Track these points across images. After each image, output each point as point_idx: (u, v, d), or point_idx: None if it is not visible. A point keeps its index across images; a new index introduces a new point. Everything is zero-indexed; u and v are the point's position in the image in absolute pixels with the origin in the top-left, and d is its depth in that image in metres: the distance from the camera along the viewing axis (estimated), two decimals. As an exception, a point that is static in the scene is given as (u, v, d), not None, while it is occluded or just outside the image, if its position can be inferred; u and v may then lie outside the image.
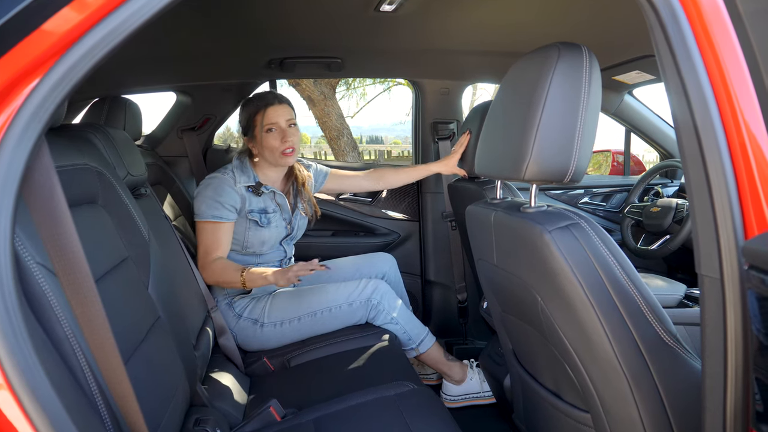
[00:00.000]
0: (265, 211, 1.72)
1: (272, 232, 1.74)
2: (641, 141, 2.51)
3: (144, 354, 0.94)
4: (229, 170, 1.70)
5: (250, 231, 1.70)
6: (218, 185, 1.65)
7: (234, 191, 1.66)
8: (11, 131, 0.57)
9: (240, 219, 1.68)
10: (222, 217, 1.63)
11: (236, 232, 1.69)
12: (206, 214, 1.63)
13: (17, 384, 0.55)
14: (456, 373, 1.81)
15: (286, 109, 1.71)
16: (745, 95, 0.67)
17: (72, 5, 0.58)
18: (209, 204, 1.63)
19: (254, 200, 1.70)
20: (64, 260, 0.63)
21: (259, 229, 1.71)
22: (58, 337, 0.67)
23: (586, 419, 1.02)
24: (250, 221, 1.69)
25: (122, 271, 1.00)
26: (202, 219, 1.64)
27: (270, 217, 1.72)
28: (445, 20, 1.55)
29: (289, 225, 1.81)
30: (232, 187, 1.66)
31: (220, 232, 1.64)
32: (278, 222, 1.75)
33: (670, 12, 0.70)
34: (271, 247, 1.77)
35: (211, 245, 1.63)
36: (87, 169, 1.01)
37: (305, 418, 1.19)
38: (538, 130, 0.88)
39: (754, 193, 0.66)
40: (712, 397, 0.72)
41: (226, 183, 1.66)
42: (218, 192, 1.64)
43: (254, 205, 1.70)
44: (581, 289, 0.86)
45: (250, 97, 1.75)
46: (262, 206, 1.72)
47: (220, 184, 1.65)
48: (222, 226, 1.64)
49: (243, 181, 1.69)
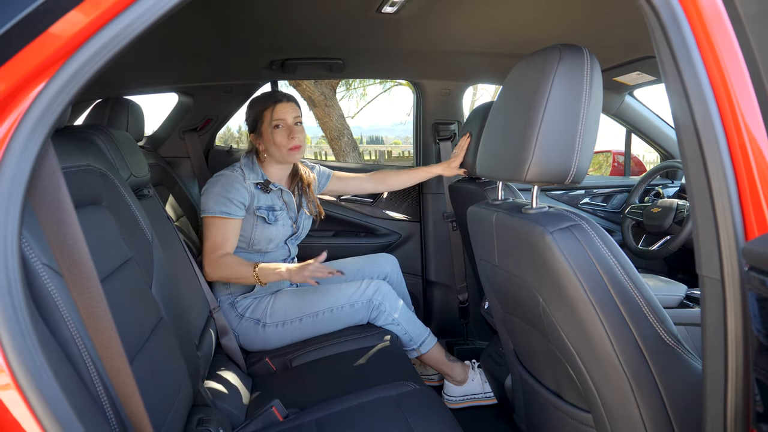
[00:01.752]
0: (272, 209, 1.73)
1: (279, 229, 1.75)
2: (642, 142, 2.52)
3: (148, 354, 0.95)
4: (238, 168, 1.71)
5: (258, 228, 1.71)
6: (227, 182, 1.66)
7: (243, 188, 1.67)
8: (18, 134, 0.57)
9: (248, 216, 1.69)
10: (230, 213, 1.64)
11: (244, 229, 1.70)
12: (214, 210, 1.63)
13: (25, 384, 0.55)
14: (457, 374, 1.82)
15: (293, 107, 1.73)
16: (745, 97, 0.68)
17: (79, 8, 0.58)
18: (217, 200, 1.64)
19: (262, 197, 1.72)
20: (70, 261, 0.63)
21: (267, 226, 1.72)
22: (64, 337, 0.67)
23: (588, 419, 1.03)
24: (258, 218, 1.70)
25: (126, 271, 1.01)
26: (210, 215, 1.64)
27: (277, 215, 1.74)
28: (446, 22, 1.55)
29: (294, 224, 1.82)
30: (241, 184, 1.67)
31: (228, 228, 1.64)
32: (285, 220, 1.77)
33: (671, 14, 0.70)
34: (276, 245, 1.78)
35: (218, 241, 1.63)
36: (90, 170, 1.02)
37: (307, 418, 1.20)
38: (539, 131, 0.88)
39: (754, 194, 0.67)
40: (712, 397, 0.73)
41: (236, 180, 1.67)
42: (227, 188, 1.65)
43: (262, 202, 1.71)
44: (582, 290, 0.87)
45: (259, 96, 1.77)
46: (270, 203, 1.73)
47: (229, 181, 1.66)
48: (230, 222, 1.64)
49: (252, 178, 1.71)
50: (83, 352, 0.69)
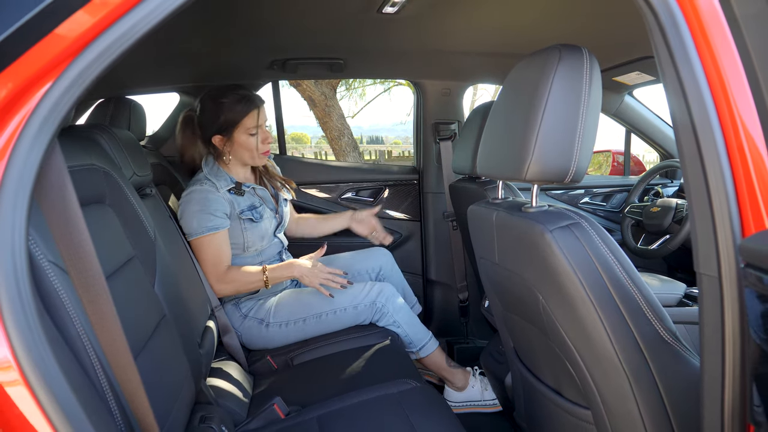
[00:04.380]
0: (253, 207, 1.71)
1: (266, 224, 1.74)
2: (641, 141, 2.53)
3: (151, 352, 0.96)
4: (204, 180, 1.64)
5: (248, 230, 1.69)
6: (201, 197, 1.60)
7: (219, 197, 1.62)
8: (25, 134, 0.58)
9: (233, 223, 1.66)
10: (217, 227, 1.60)
11: (234, 236, 1.67)
12: (199, 230, 1.59)
13: (34, 380, 0.56)
14: (458, 380, 1.82)
15: (265, 110, 1.71)
16: (742, 96, 0.68)
17: (85, 9, 0.59)
18: (199, 219, 1.58)
19: (240, 200, 1.69)
20: (76, 259, 0.64)
21: (255, 224, 1.70)
22: (70, 334, 0.68)
23: (587, 416, 1.04)
24: (245, 221, 1.68)
25: (129, 269, 1.01)
26: (196, 236, 1.59)
27: (260, 211, 1.73)
28: (446, 22, 1.56)
29: (277, 214, 1.83)
30: (216, 194, 1.62)
31: (219, 242, 1.61)
32: (268, 213, 1.77)
33: (669, 14, 0.71)
34: (269, 240, 1.77)
35: (215, 257, 1.61)
36: (94, 169, 1.03)
37: (308, 416, 1.20)
38: (539, 131, 0.89)
39: (751, 192, 0.67)
40: (710, 393, 0.74)
41: (209, 192, 1.61)
42: (204, 204, 1.59)
43: (242, 205, 1.69)
44: (582, 288, 0.88)
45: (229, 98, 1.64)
46: (249, 203, 1.71)
47: (204, 195, 1.60)
48: (219, 236, 1.61)
49: (223, 185, 1.65)
50: (89, 349, 0.70)
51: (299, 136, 18.25)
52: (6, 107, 0.58)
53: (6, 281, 0.56)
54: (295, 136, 17.78)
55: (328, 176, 2.43)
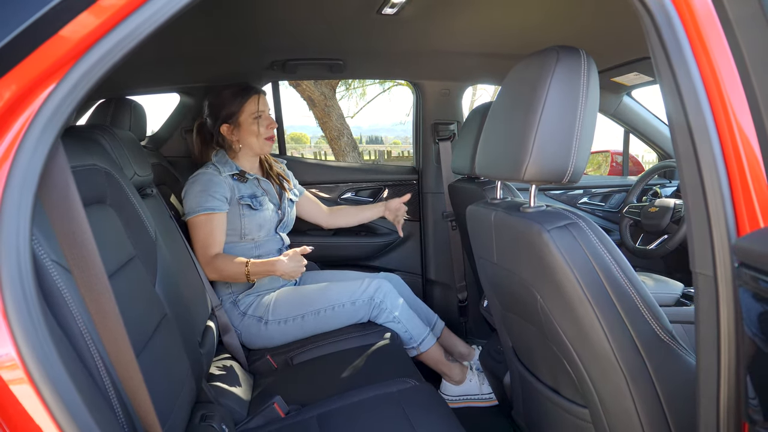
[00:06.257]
0: (254, 196, 1.76)
1: (266, 215, 1.77)
2: (640, 142, 2.53)
3: (152, 351, 0.96)
4: (211, 165, 1.74)
5: (245, 217, 1.73)
6: (204, 179, 1.68)
7: (222, 181, 1.70)
8: (29, 134, 0.59)
9: (233, 208, 1.71)
10: (214, 208, 1.65)
11: (231, 221, 1.71)
12: (197, 208, 1.64)
13: (38, 378, 0.57)
14: (456, 374, 1.84)
15: (265, 99, 1.80)
16: (737, 97, 0.69)
17: (89, 11, 0.59)
18: (198, 198, 1.65)
19: (242, 187, 1.75)
20: (79, 258, 0.64)
21: (254, 212, 1.74)
22: (73, 333, 0.69)
23: (584, 414, 1.05)
24: (243, 206, 1.73)
25: (130, 269, 1.02)
26: (193, 215, 1.65)
27: (261, 200, 1.77)
28: (446, 23, 1.57)
29: (279, 210, 1.84)
30: (218, 178, 1.70)
31: (213, 224, 1.65)
32: (269, 205, 1.80)
33: (665, 16, 0.72)
34: (268, 232, 1.79)
35: (206, 239, 1.65)
36: (96, 169, 1.03)
37: (308, 414, 1.21)
38: (537, 131, 0.90)
39: (746, 192, 0.68)
40: (705, 391, 0.74)
41: (212, 176, 1.70)
42: (206, 185, 1.67)
43: (243, 191, 1.74)
44: (579, 287, 0.88)
45: (231, 89, 1.76)
46: (250, 192, 1.76)
47: (207, 178, 1.69)
48: (215, 217, 1.65)
49: (227, 170, 1.73)
50: (91, 347, 0.71)
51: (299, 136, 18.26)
52: (10, 109, 0.59)
53: (10, 280, 0.57)
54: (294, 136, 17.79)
55: (328, 176, 2.44)
